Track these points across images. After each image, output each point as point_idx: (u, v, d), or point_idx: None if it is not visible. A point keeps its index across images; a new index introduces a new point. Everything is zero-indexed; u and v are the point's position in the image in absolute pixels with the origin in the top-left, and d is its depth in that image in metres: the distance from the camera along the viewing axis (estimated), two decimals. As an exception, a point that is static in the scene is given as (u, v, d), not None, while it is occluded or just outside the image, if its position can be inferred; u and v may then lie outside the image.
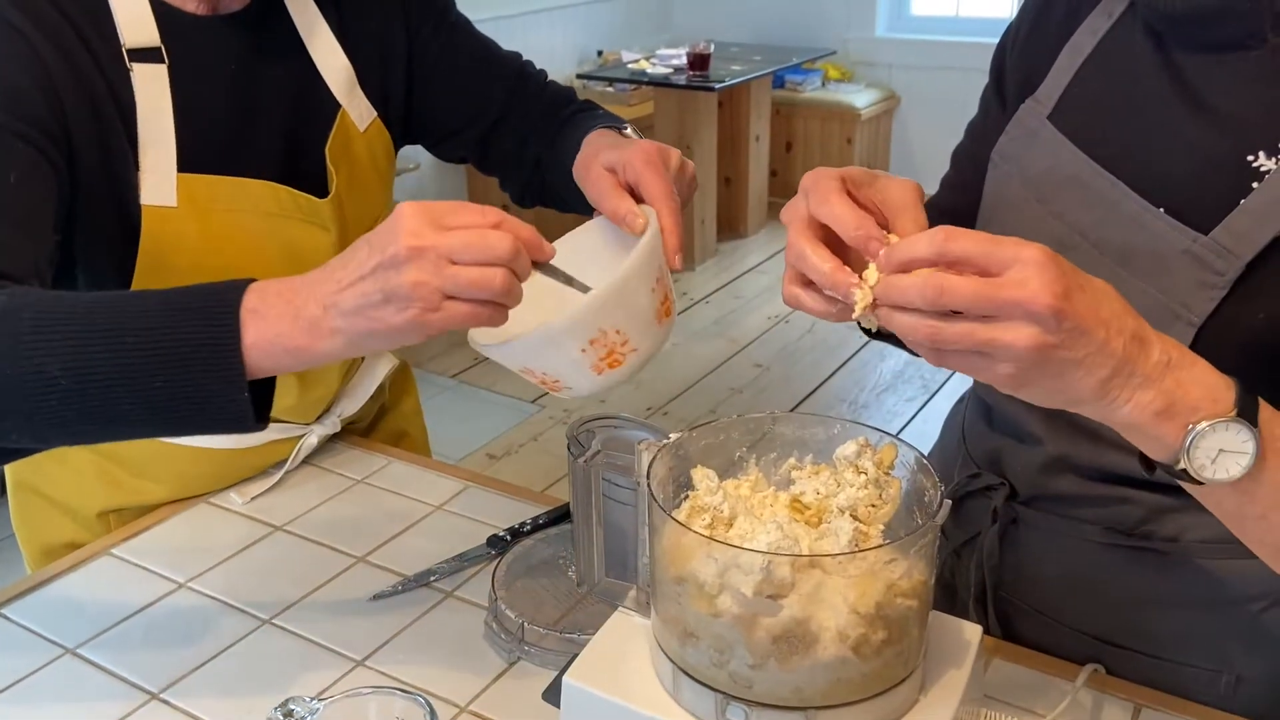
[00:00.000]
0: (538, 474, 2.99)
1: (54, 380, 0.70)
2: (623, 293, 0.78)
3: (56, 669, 0.90)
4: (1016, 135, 0.91)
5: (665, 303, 0.82)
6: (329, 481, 1.17)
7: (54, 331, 0.71)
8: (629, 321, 0.79)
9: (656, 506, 0.68)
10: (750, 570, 0.64)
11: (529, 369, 0.82)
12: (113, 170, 0.92)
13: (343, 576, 1.01)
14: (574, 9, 4.84)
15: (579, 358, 0.79)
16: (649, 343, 0.81)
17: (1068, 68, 0.88)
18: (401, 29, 1.10)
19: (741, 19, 5.47)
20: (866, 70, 5.28)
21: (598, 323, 0.77)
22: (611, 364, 0.80)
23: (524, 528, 1.05)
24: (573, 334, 0.77)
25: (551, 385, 0.83)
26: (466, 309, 0.70)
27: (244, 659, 0.91)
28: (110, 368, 0.70)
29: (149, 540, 1.07)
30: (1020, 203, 0.88)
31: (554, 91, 1.18)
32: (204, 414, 0.72)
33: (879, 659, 0.65)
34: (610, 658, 0.74)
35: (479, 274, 0.68)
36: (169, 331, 0.70)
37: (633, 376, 0.83)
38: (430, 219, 0.69)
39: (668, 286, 0.83)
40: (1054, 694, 0.84)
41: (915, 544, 0.65)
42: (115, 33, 0.92)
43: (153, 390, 0.70)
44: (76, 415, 0.71)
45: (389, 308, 0.69)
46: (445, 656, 0.90)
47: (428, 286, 0.68)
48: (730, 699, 0.66)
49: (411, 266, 0.68)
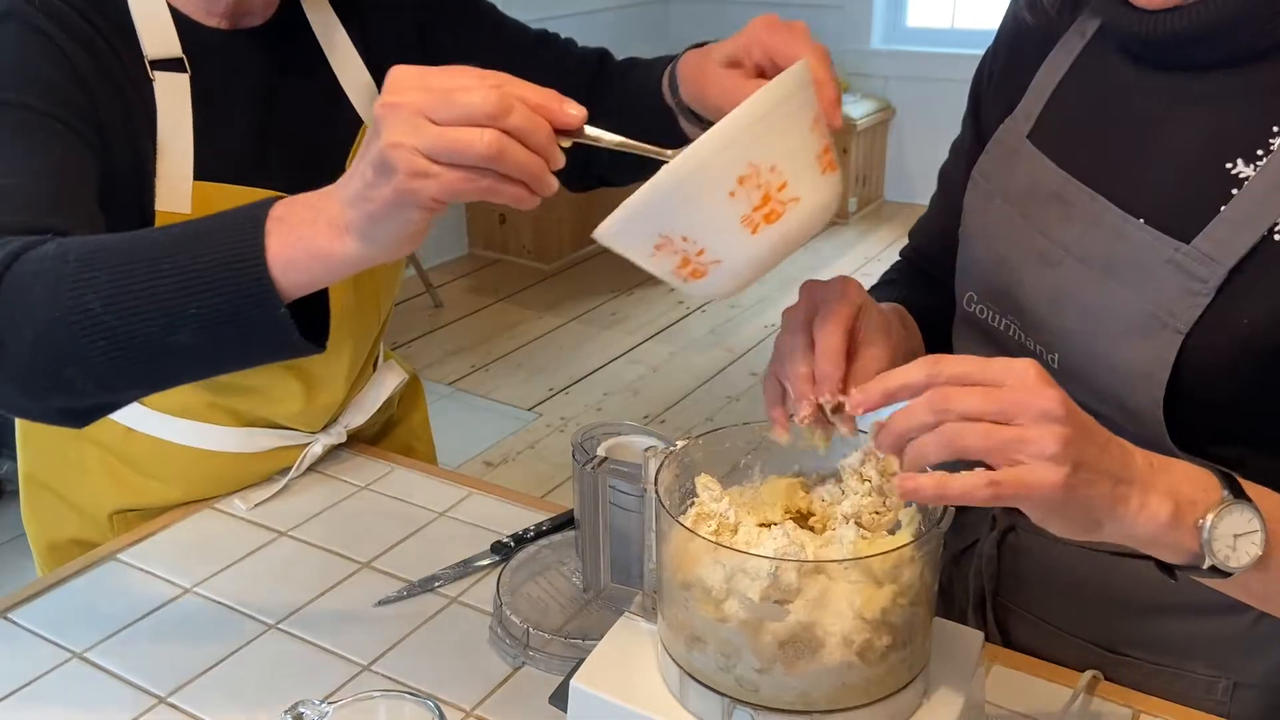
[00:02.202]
0: (535, 482, 2.99)
1: (98, 318, 0.68)
2: (774, 114, 0.63)
3: (64, 673, 0.90)
4: (997, 155, 0.92)
5: (828, 152, 0.67)
6: (333, 488, 1.17)
7: (96, 268, 0.69)
8: (786, 157, 0.63)
9: (664, 512, 0.69)
10: (757, 576, 0.65)
11: (665, 236, 0.64)
12: (139, 172, 0.94)
13: (348, 582, 1.02)
14: (571, 19, 4.86)
15: (727, 206, 0.63)
16: (813, 194, 0.65)
17: (1045, 86, 0.90)
18: (415, 33, 1.10)
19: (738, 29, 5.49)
20: (862, 81, 5.31)
21: (747, 151, 0.62)
22: (769, 217, 0.63)
23: (528, 534, 1.06)
24: (718, 162, 0.62)
25: (695, 265, 0.65)
26: (457, 175, 0.62)
27: (251, 663, 0.91)
28: (148, 297, 0.68)
29: (155, 545, 1.08)
30: (1003, 220, 0.90)
31: (581, 55, 1.12)
32: (247, 337, 0.69)
33: (884, 664, 0.66)
34: (617, 662, 0.75)
35: (458, 133, 0.61)
36: (198, 253, 0.68)
37: (792, 247, 0.66)
38: (416, 77, 0.62)
39: (827, 136, 0.67)
40: (1054, 700, 0.85)
41: (919, 550, 0.66)
42: (138, 43, 0.94)
43: (188, 316, 0.68)
44: (126, 355, 0.69)
45: (378, 182, 0.63)
46: (450, 661, 0.91)
47: (404, 147, 0.61)
48: (736, 703, 0.67)
49: (387, 125, 0.61)
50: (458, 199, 0.63)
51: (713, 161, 0.62)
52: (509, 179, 0.63)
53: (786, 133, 0.63)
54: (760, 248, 0.65)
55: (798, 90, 0.64)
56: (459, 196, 0.63)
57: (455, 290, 4.36)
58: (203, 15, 0.98)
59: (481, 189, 0.63)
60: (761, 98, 0.62)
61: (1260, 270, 0.75)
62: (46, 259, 0.72)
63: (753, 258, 0.65)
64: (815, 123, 0.66)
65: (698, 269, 0.66)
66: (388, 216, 0.64)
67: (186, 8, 0.97)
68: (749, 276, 0.67)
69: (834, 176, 0.67)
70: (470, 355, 3.76)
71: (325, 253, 0.67)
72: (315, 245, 0.67)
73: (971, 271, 0.93)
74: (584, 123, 0.65)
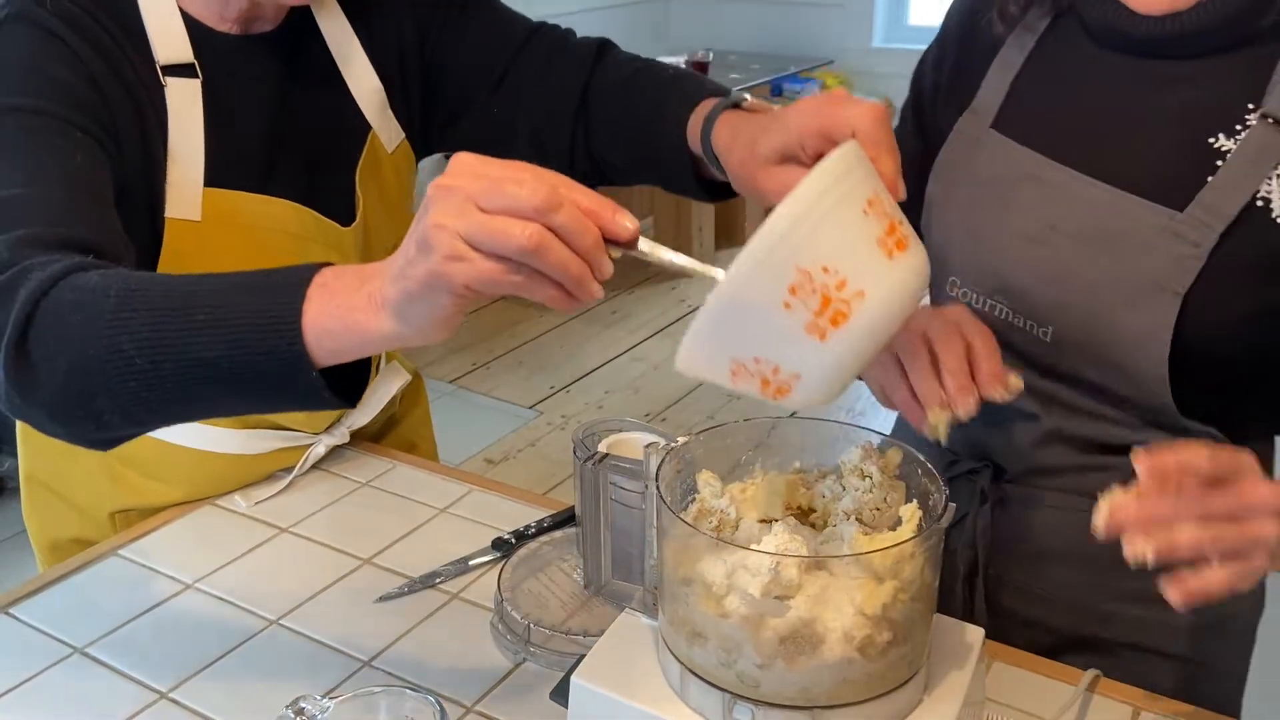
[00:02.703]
0: (536, 479, 3.00)
1: (130, 360, 0.68)
2: (814, 212, 0.58)
3: (65, 668, 0.90)
4: (958, 145, 0.96)
5: (892, 233, 0.61)
6: (335, 484, 1.17)
7: (133, 310, 0.69)
8: (838, 253, 0.58)
9: (665, 508, 0.69)
10: (758, 571, 0.65)
11: (736, 361, 0.62)
12: (150, 178, 0.93)
13: (349, 578, 1.02)
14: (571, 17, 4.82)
15: (785, 319, 0.59)
16: (880, 283, 0.59)
17: (1001, 80, 0.94)
18: (414, 31, 1.09)
19: (739, 28, 5.49)
20: (863, 80, 5.30)
21: (791, 258, 0.58)
22: (835, 319, 0.58)
23: (529, 530, 1.06)
24: (762, 277, 0.58)
25: (777, 384, 0.62)
26: (492, 266, 0.60)
27: (252, 659, 0.91)
28: (181, 346, 0.67)
29: (156, 541, 1.08)
30: (976, 205, 0.94)
31: (577, 49, 1.08)
32: (277, 394, 0.69)
33: (884, 660, 0.66)
34: (617, 658, 0.75)
35: (501, 222, 0.59)
36: (235, 307, 0.67)
37: (876, 343, 0.60)
38: (473, 164, 0.61)
39: (892, 214, 0.62)
40: (1054, 697, 0.85)
41: (921, 546, 0.66)
42: (149, 48, 0.93)
43: (221, 370, 0.68)
44: (157, 396, 0.69)
45: (417, 260, 0.61)
46: (451, 657, 0.91)
47: (446, 230, 0.59)
48: (737, 698, 0.67)
49: (435, 206, 0.61)
50: (490, 290, 0.61)
51: (756, 278, 0.58)
52: (546, 278, 0.61)
53: (833, 227, 0.59)
54: (835, 354, 0.60)
55: (841, 178, 0.60)
56: (492, 287, 0.61)
57: (456, 288, 4.36)
58: (215, 20, 0.97)
59: (515, 283, 0.61)
60: (798, 196, 0.58)
61: (1247, 232, 0.81)
62: (88, 290, 0.71)
63: (831, 365, 0.60)
64: (871, 204, 0.61)
65: (781, 387, 0.62)
66: (421, 297, 0.62)
67: (198, 13, 0.96)
68: (837, 383, 0.62)
69: (905, 257, 0.61)
70: (471, 353, 3.76)
71: (360, 326, 0.65)
72: (352, 317, 0.65)
73: (949, 259, 0.95)
74: (637, 235, 0.63)
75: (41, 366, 0.71)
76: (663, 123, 0.97)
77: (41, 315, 0.71)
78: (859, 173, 0.62)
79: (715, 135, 0.88)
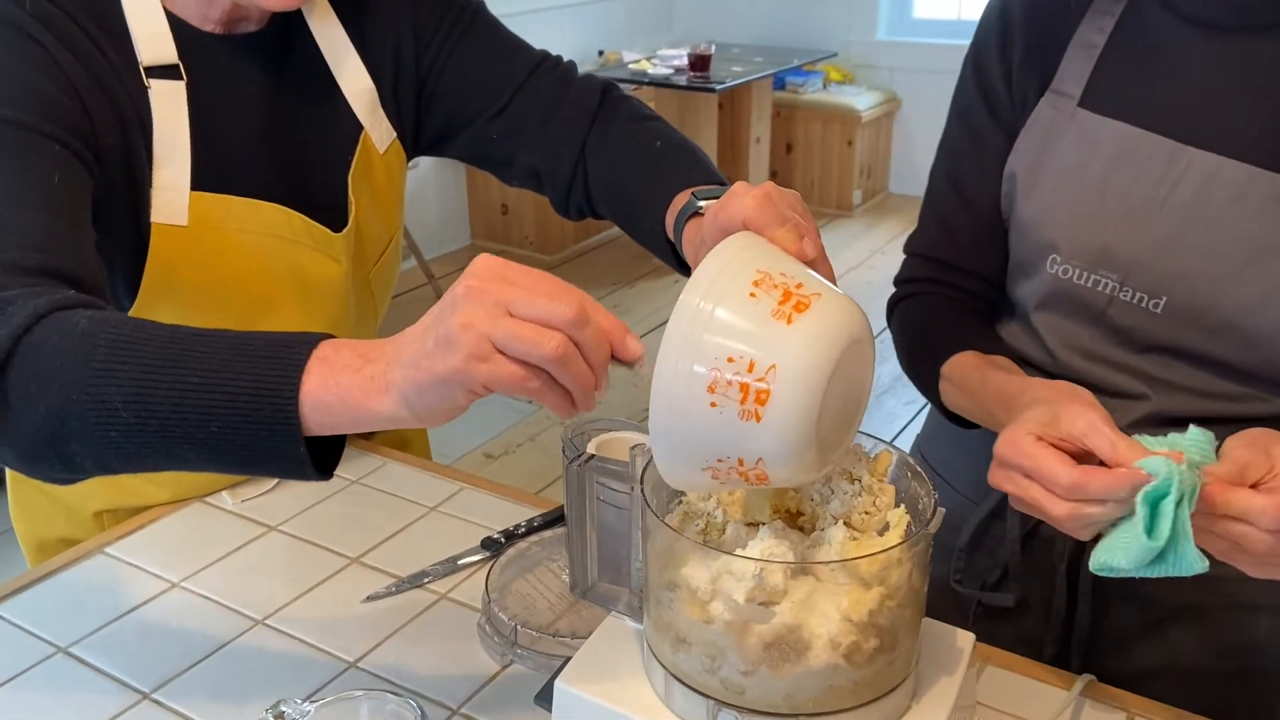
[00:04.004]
0: (535, 474, 2.99)
1: (116, 411, 0.67)
2: (698, 315, 0.61)
3: (48, 668, 0.89)
4: (1043, 126, 0.96)
5: (787, 299, 0.62)
6: (323, 482, 1.16)
7: (123, 362, 0.68)
8: (736, 340, 0.60)
9: (650, 512, 0.68)
10: (743, 577, 0.64)
11: (709, 467, 0.64)
12: (133, 183, 0.92)
13: (336, 577, 1.01)
14: (575, 9, 4.84)
15: (720, 416, 0.61)
16: (788, 352, 0.60)
17: (1083, 61, 0.94)
18: (411, 38, 1.07)
19: (743, 20, 5.47)
20: (868, 73, 5.29)
21: (691, 361, 0.60)
22: (759, 399, 0.60)
23: (519, 530, 1.05)
24: (676, 393, 0.61)
25: (754, 472, 0.63)
26: (514, 370, 0.62)
27: (236, 659, 0.90)
28: (170, 406, 0.67)
29: (143, 539, 1.07)
30: (1070, 182, 0.94)
31: (580, 92, 1.08)
32: (260, 462, 0.69)
33: (871, 666, 0.65)
34: (602, 662, 0.74)
35: (532, 330, 0.61)
36: (231, 374, 0.67)
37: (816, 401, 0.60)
38: (500, 269, 0.64)
39: (787, 281, 0.63)
40: (1047, 702, 0.84)
41: (908, 552, 0.65)
42: (133, 49, 0.91)
43: (208, 433, 0.67)
44: (136, 449, 0.69)
45: (437, 353, 0.63)
46: (438, 659, 0.90)
47: (475, 330, 0.61)
48: (722, 705, 0.66)
49: (464, 307, 0.62)
50: (504, 391, 0.63)
51: (673, 396, 0.61)
52: (557, 386, 0.64)
53: (722, 322, 0.61)
54: (780, 430, 0.60)
55: (716, 278, 0.62)
56: (508, 389, 0.63)
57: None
58: (198, 20, 0.95)
59: (530, 388, 0.63)
60: (677, 311, 0.62)
61: None
62: (74, 334, 0.70)
63: (783, 441, 0.61)
64: (758, 284, 0.62)
65: (758, 474, 0.63)
66: (433, 390, 0.64)
67: (182, 12, 0.94)
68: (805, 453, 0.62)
69: (808, 316, 0.61)
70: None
71: (360, 405, 0.66)
72: (352, 396, 0.66)
73: (1045, 238, 0.95)
74: (640, 359, 0.66)
75: (18, 406, 0.69)
76: (644, 210, 1.00)
77: (22, 355, 0.69)
78: (739, 261, 0.63)
79: (685, 240, 0.91)
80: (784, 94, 5.06)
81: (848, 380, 0.63)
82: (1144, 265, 0.90)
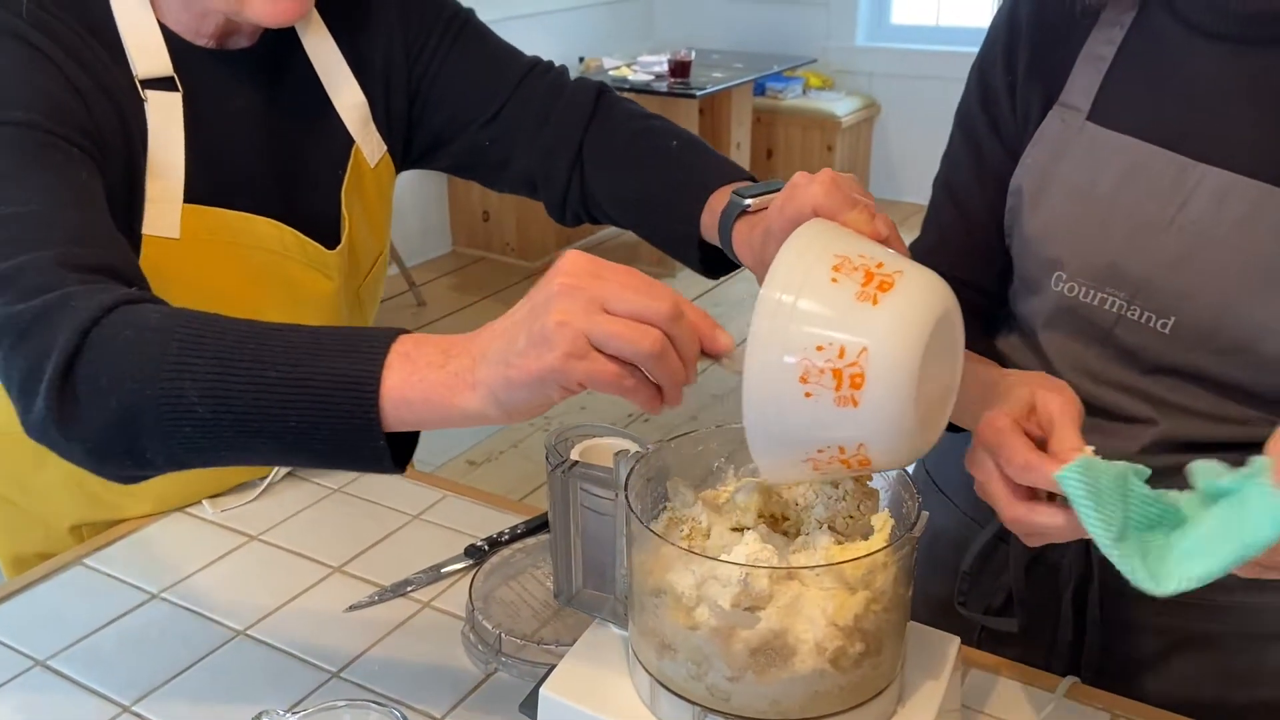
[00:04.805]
0: (518, 481, 2.98)
1: (191, 406, 0.67)
2: (781, 307, 0.61)
3: (26, 681, 0.88)
4: (1050, 140, 0.93)
5: (870, 281, 0.62)
6: (305, 490, 1.16)
7: (199, 356, 0.67)
8: (824, 328, 0.60)
9: (634, 518, 0.68)
10: (728, 582, 0.63)
11: (810, 459, 0.64)
12: (131, 192, 0.91)
13: (318, 587, 1.00)
14: (556, 15, 4.84)
15: (816, 406, 0.60)
16: (876, 333, 0.60)
17: (1091, 75, 0.91)
18: (402, 51, 1.06)
19: (723, 27, 5.48)
20: (847, 78, 5.31)
21: (782, 352, 0.60)
22: (855, 383, 0.60)
23: (502, 537, 1.05)
24: (770, 386, 0.61)
25: (856, 458, 0.63)
26: (611, 368, 0.61)
27: (218, 671, 0.90)
28: (247, 400, 0.66)
29: (122, 550, 1.06)
30: (1077, 198, 0.91)
31: (575, 93, 1.07)
32: (336, 456, 0.69)
33: (857, 671, 0.65)
34: (587, 670, 0.73)
35: (629, 328, 0.61)
36: (311, 368, 0.66)
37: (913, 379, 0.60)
38: (591, 265, 0.63)
39: (868, 262, 0.63)
40: (1031, 704, 0.84)
41: (893, 556, 0.65)
42: (127, 61, 0.90)
43: (285, 428, 0.66)
44: (211, 443, 0.68)
45: (531, 352, 0.62)
46: (422, 668, 0.90)
47: (571, 327, 0.61)
48: (708, 712, 0.66)
49: (559, 304, 0.61)
50: (600, 388, 0.63)
51: (766, 389, 0.61)
52: (648, 382, 0.64)
53: (807, 311, 0.61)
54: (878, 413, 0.60)
55: (793, 268, 0.62)
56: (603, 386, 0.62)
57: (438, 288, 4.34)
58: (191, 34, 0.94)
59: (625, 386, 0.63)
60: (761, 303, 0.62)
61: None
62: (146, 328, 0.69)
63: (883, 423, 0.61)
64: (838, 268, 0.62)
65: (860, 460, 0.63)
66: (526, 386, 0.63)
67: (175, 26, 0.94)
68: (908, 434, 0.62)
69: (893, 296, 0.61)
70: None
71: (444, 402, 0.65)
72: (436, 392, 0.65)
73: (1050, 254, 0.93)
74: (729, 351, 0.66)
75: (88, 402, 0.68)
76: (667, 211, 0.98)
77: (91, 349, 0.68)
78: (815, 249, 0.64)
79: (738, 241, 0.90)
80: (764, 100, 5.07)
81: (940, 355, 0.63)
82: (1152, 284, 0.88)
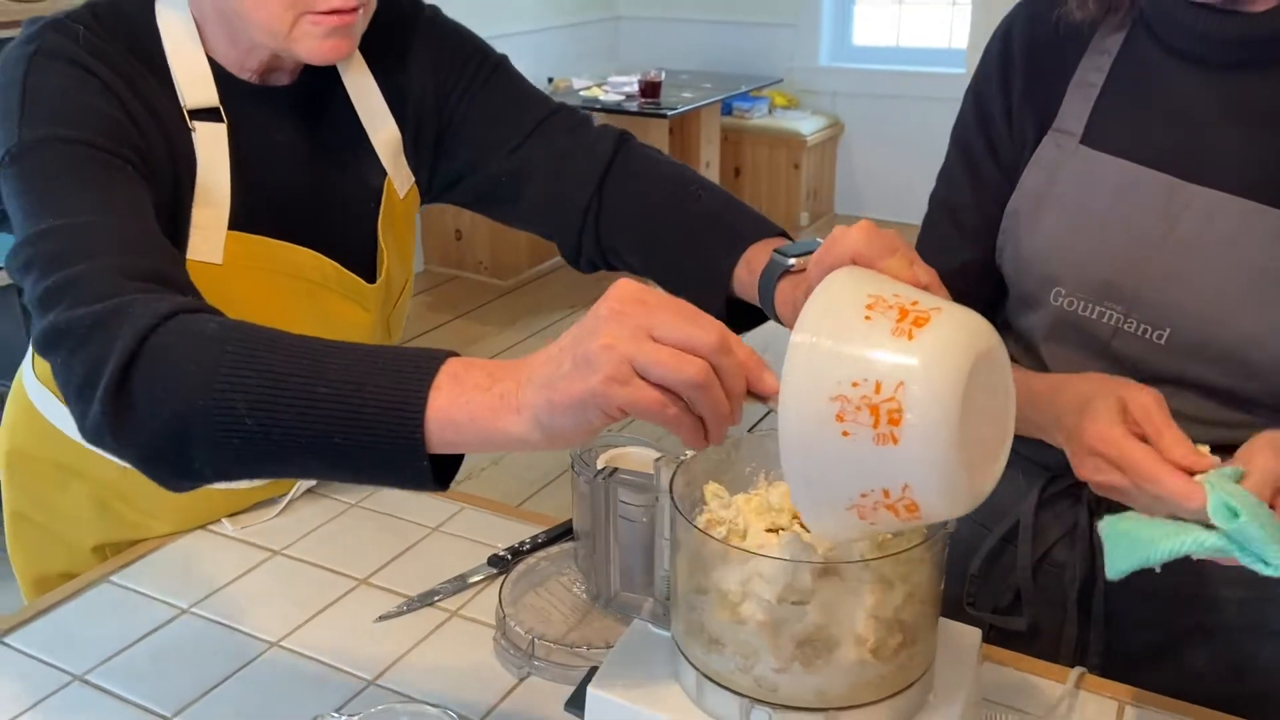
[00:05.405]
0: (518, 486, 2.99)
1: (240, 419, 0.67)
2: (815, 347, 0.60)
3: (66, 696, 0.90)
4: (1045, 164, 0.98)
5: (905, 317, 0.61)
6: (322, 506, 1.18)
7: (250, 369, 0.68)
8: (859, 364, 0.59)
9: (681, 519, 0.71)
10: (773, 578, 0.67)
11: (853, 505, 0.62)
12: (176, 217, 0.93)
13: (346, 599, 1.02)
14: (524, 36, 4.88)
15: (855, 445, 0.59)
16: (914, 368, 0.58)
17: (1083, 100, 0.96)
18: (434, 88, 1.08)
19: (689, 48, 5.55)
20: (811, 98, 5.39)
21: (818, 393, 0.59)
22: (892, 420, 0.58)
23: (524, 546, 1.07)
24: (806, 429, 0.60)
25: (902, 502, 0.61)
26: (654, 395, 0.61)
27: (255, 681, 0.91)
28: (295, 415, 0.67)
29: (146, 567, 1.07)
30: (1072, 217, 0.95)
31: (595, 139, 1.08)
32: (379, 474, 0.69)
33: (895, 661, 0.69)
34: (631, 667, 0.76)
35: (673, 356, 0.61)
36: (359, 387, 0.67)
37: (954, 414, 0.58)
38: (639, 292, 0.63)
39: (902, 300, 0.63)
40: (1043, 694, 0.88)
41: (929, 552, 0.69)
42: (175, 91, 0.93)
43: (331, 445, 0.67)
44: (257, 456, 0.69)
45: (575, 374, 0.62)
46: (456, 674, 0.92)
47: (616, 352, 0.61)
48: (755, 702, 0.69)
49: (606, 328, 0.61)
50: (641, 415, 0.62)
51: (803, 432, 0.60)
52: (691, 414, 0.63)
53: (841, 350, 0.60)
54: (920, 450, 0.58)
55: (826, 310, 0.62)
56: (645, 414, 0.62)
57: (412, 307, 4.32)
58: (236, 68, 0.97)
59: (667, 416, 0.62)
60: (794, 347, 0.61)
61: None
62: (202, 338, 0.70)
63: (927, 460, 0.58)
64: (871, 307, 0.62)
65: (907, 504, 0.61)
66: (568, 410, 0.63)
67: (222, 60, 0.96)
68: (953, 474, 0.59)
69: (929, 330, 0.59)
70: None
71: (490, 425, 0.65)
72: (482, 415, 0.65)
73: (1047, 271, 0.97)
74: (775, 394, 0.64)
75: (142, 408, 0.70)
76: (699, 265, 0.98)
77: (147, 357, 0.70)
78: (848, 290, 0.64)
79: (780, 301, 0.90)
80: (731, 119, 5.14)
81: (985, 395, 0.61)
82: (1147, 299, 0.91)
